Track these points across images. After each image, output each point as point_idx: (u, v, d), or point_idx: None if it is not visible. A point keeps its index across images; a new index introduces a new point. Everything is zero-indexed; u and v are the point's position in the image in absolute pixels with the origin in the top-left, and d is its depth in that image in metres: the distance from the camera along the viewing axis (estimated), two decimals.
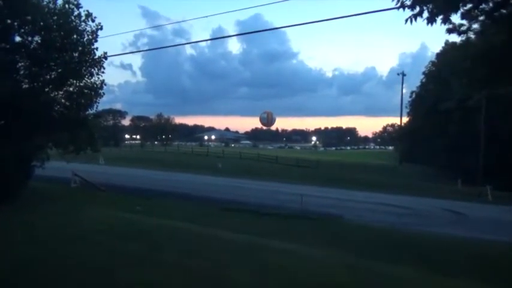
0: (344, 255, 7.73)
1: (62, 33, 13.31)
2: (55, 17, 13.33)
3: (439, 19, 6.16)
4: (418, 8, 5.99)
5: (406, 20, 6.15)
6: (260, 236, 9.06)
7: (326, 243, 9.13)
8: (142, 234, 8.53)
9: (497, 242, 11.02)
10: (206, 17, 32.82)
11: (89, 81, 14.35)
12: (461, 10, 6.73)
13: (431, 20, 6.05)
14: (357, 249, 8.70)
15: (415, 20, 6.12)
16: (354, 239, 10.03)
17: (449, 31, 7.02)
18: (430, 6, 5.71)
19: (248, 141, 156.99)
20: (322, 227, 11.96)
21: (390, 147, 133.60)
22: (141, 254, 6.52)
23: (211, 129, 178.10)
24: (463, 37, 7.49)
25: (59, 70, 13.60)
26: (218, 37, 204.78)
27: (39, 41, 13.34)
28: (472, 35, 7.58)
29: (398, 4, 6.10)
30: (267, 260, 6.35)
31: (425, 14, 6.03)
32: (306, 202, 15.14)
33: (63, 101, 14.43)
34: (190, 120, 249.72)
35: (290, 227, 11.51)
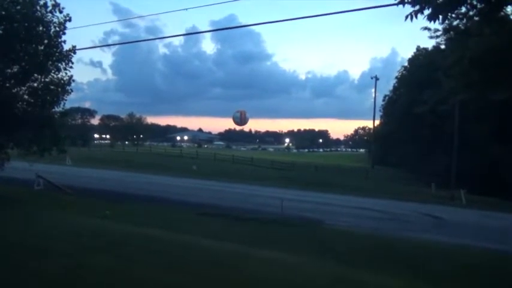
0: (333, 265, 7.31)
1: (25, 24, 12.30)
2: (18, 7, 12.30)
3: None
4: (418, 6, 5.69)
5: (406, 17, 5.84)
6: (243, 243, 8.49)
7: (312, 251, 8.68)
8: (113, 244, 7.71)
9: (481, 248, 10.95)
10: (186, 9, 31.85)
11: (55, 76, 13.39)
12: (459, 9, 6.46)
13: (433, 18, 5.75)
14: (344, 258, 8.33)
15: (416, 17, 5.84)
16: (339, 247, 9.62)
17: (446, 31, 6.72)
18: (436, 2, 5.34)
19: (221, 142, 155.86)
20: (304, 233, 11.50)
21: (361, 150, 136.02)
22: (112, 268, 5.77)
23: (184, 130, 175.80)
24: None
25: (22, 63, 12.57)
26: (192, 32, 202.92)
27: (0, 32, 12.26)
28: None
29: (398, 0, 5.79)
30: (256, 273, 5.77)
31: (426, 11, 5.77)
32: (285, 206, 14.70)
33: (26, 97, 13.35)
34: (162, 120, 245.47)
35: (272, 234, 10.99)
